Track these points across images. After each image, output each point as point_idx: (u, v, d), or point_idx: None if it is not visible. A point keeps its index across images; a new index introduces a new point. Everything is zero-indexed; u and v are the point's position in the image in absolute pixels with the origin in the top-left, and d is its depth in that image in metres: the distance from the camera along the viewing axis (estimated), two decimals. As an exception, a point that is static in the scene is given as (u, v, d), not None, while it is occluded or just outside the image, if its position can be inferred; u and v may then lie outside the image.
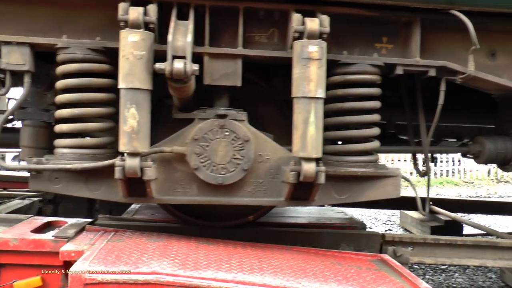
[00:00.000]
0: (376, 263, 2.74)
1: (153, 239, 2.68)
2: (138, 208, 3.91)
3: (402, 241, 3.47)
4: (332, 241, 3.23)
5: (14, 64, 2.51)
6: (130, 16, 2.29)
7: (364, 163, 2.71)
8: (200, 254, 2.48)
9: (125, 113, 2.29)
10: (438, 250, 3.54)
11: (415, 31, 2.70)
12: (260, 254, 2.62)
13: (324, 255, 2.80)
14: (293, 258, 2.61)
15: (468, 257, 3.55)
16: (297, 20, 2.44)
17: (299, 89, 2.41)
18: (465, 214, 7.15)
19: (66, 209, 4.74)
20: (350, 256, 2.85)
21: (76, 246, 2.47)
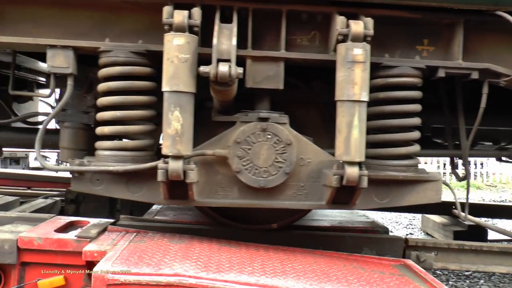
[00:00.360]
0: (400, 268, 2.70)
1: (175, 241, 2.69)
2: (160, 209, 3.93)
3: (426, 246, 3.41)
4: (354, 245, 3.21)
5: (58, 67, 2.54)
6: (175, 20, 2.29)
7: (405, 167, 2.67)
8: (222, 256, 2.48)
9: (169, 116, 2.29)
10: (462, 256, 3.47)
11: (458, 33, 2.66)
12: (282, 257, 2.61)
13: (346, 259, 2.78)
14: (316, 262, 2.60)
15: (494, 264, 3.48)
16: (342, 23, 2.42)
17: (344, 92, 2.39)
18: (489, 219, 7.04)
19: (87, 208, 4.80)
20: (372, 260, 2.82)
21: (98, 247, 2.49)
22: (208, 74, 2.30)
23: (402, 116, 2.66)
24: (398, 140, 2.68)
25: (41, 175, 6.14)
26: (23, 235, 2.53)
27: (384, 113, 2.65)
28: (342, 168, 2.45)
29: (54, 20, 2.63)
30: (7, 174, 6.17)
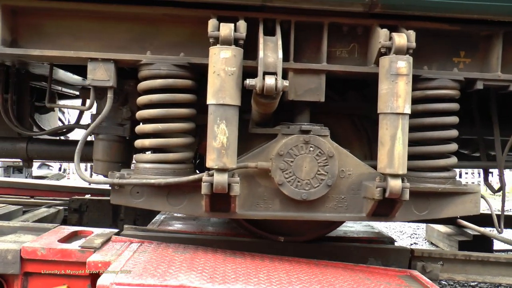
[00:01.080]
0: (406, 279, 2.69)
1: (179, 251, 2.69)
2: (163, 219, 3.91)
3: (432, 257, 3.39)
4: (360, 255, 3.19)
5: (99, 80, 2.53)
6: (221, 33, 2.29)
7: (444, 179, 2.68)
8: (227, 267, 2.48)
9: (215, 129, 2.29)
10: (469, 266, 3.44)
11: (496, 44, 2.68)
12: (288, 267, 2.60)
13: (352, 269, 2.77)
14: (322, 273, 2.59)
15: (501, 275, 3.45)
16: (385, 36, 2.43)
17: (387, 104, 2.39)
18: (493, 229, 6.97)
19: (91, 218, 4.79)
20: (378, 271, 2.81)
21: (103, 257, 2.47)
22: (254, 87, 2.31)
23: (441, 128, 2.67)
24: (437, 152, 2.68)
25: (44, 184, 6.10)
26: (27, 245, 2.51)
27: (424, 125, 2.65)
28: (384, 181, 2.45)
29: (93, 33, 2.63)
30: (10, 183, 6.11)
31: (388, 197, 2.45)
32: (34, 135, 3.34)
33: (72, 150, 3.46)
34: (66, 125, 3.57)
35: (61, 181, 8.24)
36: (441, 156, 2.72)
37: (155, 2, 2.54)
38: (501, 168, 3.02)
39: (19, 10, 2.59)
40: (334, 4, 2.45)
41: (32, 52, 2.53)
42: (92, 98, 2.60)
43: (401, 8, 2.47)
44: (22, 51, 2.54)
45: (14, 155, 3.40)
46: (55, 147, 3.42)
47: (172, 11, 2.57)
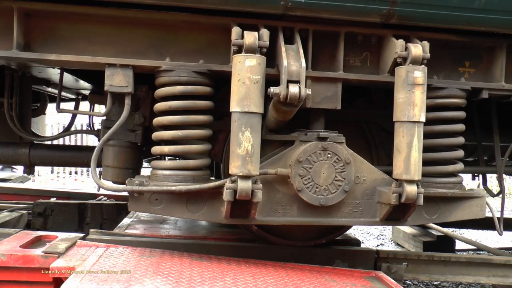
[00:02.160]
0: (371, 280, 2.74)
1: (146, 255, 2.68)
2: (130, 222, 3.86)
3: (397, 258, 3.46)
4: (326, 257, 3.20)
5: (117, 86, 2.50)
6: (246, 41, 2.31)
7: (452, 184, 2.79)
8: (194, 271, 2.48)
9: (240, 137, 2.31)
10: (432, 266, 3.55)
11: (500, 55, 2.82)
12: (254, 271, 2.62)
13: (318, 271, 2.79)
14: (288, 275, 2.62)
15: (462, 274, 3.57)
16: (401, 46, 2.51)
17: (404, 113, 2.48)
18: (456, 229, 7.18)
19: (56, 222, 4.67)
20: (344, 272, 2.85)
21: (67, 262, 2.44)
22: (278, 95, 2.34)
23: (450, 135, 2.78)
24: (446, 158, 2.79)
25: (7, 187, 5.86)
26: None
27: (434, 132, 2.75)
28: (400, 186, 2.53)
29: (109, 38, 2.60)
30: (-29, 187, 5.86)
31: (403, 202, 2.54)
32: (42, 140, 3.25)
33: (75, 155, 3.43)
34: (74, 131, 3.49)
35: (26, 183, 7.94)
36: (449, 162, 2.82)
37: (173, 8, 2.53)
38: (501, 173, 3.16)
39: (33, 13, 2.53)
40: (353, 14, 2.51)
41: (48, 56, 2.48)
42: (109, 104, 2.57)
43: (415, 19, 2.56)
44: (37, 55, 2.48)
45: (16, 161, 3.30)
46: (58, 152, 3.34)
47: (192, 18, 2.57)
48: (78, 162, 3.39)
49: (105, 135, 2.54)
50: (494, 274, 3.56)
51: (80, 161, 3.36)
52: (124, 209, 4.75)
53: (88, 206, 4.69)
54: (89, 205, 4.70)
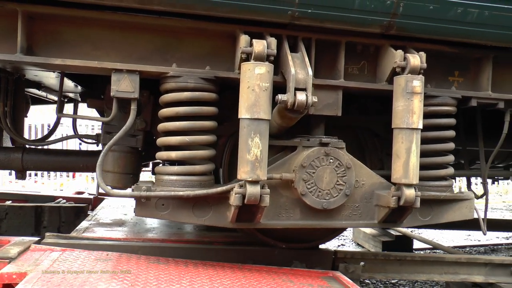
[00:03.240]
0: (328, 280, 2.77)
1: (102, 259, 2.65)
2: (89, 225, 3.80)
3: (354, 258, 3.54)
4: (285, 258, 3.22)
5: (123, 91, 2.50)
6: (255, 49, 2.37)
7: (445, 187, 2.94)
8: (150, 274, 2.47)
9: (249, 143, 2.36)
10: (388, 265, 3.64)
11: (487, 66, 2.98)
12: (211, 273, 2.62)
13: (276, 272, 2.81)
14: (245, 277, 2.63)
15: (416, 272, 3.67)
16: (400, 56, 2.63)
17: (403, 120, 2.60)
18: (414, 229, 7.42)
19: (11, 226, 4.53)
20: (302, 273, 2.86)
21: (18, 268, 2.35)
22: (286, 102, 2.41)
23: (442, 141, 2.92)
24: (439, 163, 2.93)
25: None
26: None
27: (428, 138, 2.88)
28: (399, 190, 2.65)
29: (114, 43, 2.60)
30: None
31: (401, 205, 2.65)
32: (41, 144, 3.18)
33: (71, 160, 3.38)
34: (72, 135, 3.42)
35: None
36: (442, 167, 2.97)
37: (179, 15, 2.55)
38: (485, 177, 3.35)
39: (36, 16, 2.49)
40: (355, 25, 2.61)
41: (53, 61, 2.45)
42: (114, 109, 2.56)
43: (413, 31, 2.69)
44: (42, 59, 2.45)
45: (8, 166, 3.21)
46: (52, 157, 3.27)
47: (198, 25, 2.60)
48: (74, 166, 3.34)
49: (111, 140, 2.53)
50: (446, 271, 3.70)
51: (76, 166, 3.31)
52: (83, 212, 4.72)
53: (45, 209, 4.56)
54: (47, 208, 4.57)
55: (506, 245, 6.52)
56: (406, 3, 2.55)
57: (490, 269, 3.74)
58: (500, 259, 3.87)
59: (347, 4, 2.50)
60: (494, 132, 3.45)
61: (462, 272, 3.71)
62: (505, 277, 3.72)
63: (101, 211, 4.60)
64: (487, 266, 3.74)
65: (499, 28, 2.74)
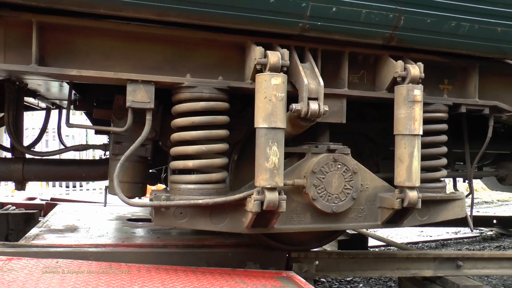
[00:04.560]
0: (281, 280, 2.79)
1: (51, 267, 2.59)
2: (39, 232, 3.67)
3: (308, 257, 3.54)
4: (239, 260, 3.23)
5: (139, 102, 2.52)
6: (271, 60, 2.46)
7: (440, 188, 3.13)
8: (101, 280, 2.43)
9: (267, 151, 2.44)
10: (342, 264, 3.68)
11: (473, 75, 3.21)
12: (164, 277, 2.61)
13: (229, 274, 2.81)
14: (198, 280, 2.62)
15: (369, 269, 3.75)
16: (401, 66, 2.79)
17: (406, 127, 2.76)
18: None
19: None
20: (255, 274, 2.88)
21: None
22: (300, 111, 2.51)
23: (436, 145, 3.11)
24: (435, 166, 3.12)
25: None
26: None
27: (424, 143, 3.06)
28: (402, 192, 2.81)
29: (125, 53, 2.61)
30: None
31: (405, 207, 2.81)
32: (46, 155, 3.11)
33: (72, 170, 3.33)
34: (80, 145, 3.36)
35: None
36: (437, 169, 3.16)
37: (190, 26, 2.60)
38: (471, 178, 3.58)
39: (48, 26, 2.47)
40: (360, 36, 2.75)
41: (69, 72, 2.44)
42: (130, 119, 2.57)
43: (411, 42, 2.86)
44: (58, 70, 2.43)
45: (7, 177, 3.12)
46: (53, 167, 3.21)
47: (210, 36, 2.66)
48: (76, 176, 3.29)
49: (128, 151, 2.54)
50: (398, 267, 3.81)
51: (78, 175, 3.26)
52: (33, 218, 4.55)
53: None
54: None
55: (455, 240, 6.84)
56: (406, 16, 2.72)
57: (438, 263, 3.87)
58: (447, 253, 4.03)
59: (354, 17, 2.63)
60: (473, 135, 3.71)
61: (413, 268, 3.84)
62: (452, 270, 3.89)
63: (53, 217, 4.45)
64: (436, 261, 3.88)
65: (485, 41, 2.95)
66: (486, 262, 4.03)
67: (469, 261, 3.96)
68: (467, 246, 6.45)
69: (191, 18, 2.47)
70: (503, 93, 3.34)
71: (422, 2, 2.69)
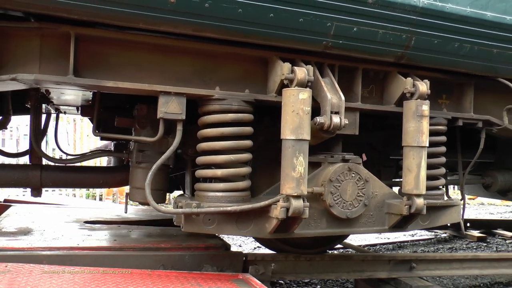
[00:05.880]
0: (237, 282, 2.81)
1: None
2: None
3: (264, 260, 3.57)
4: (196, 263, 3.23)
5: (171, 113, 2.62)
6: (298, 76, 2.62)
7: (439, 195, 3.39)
8: (53, 284, 2.39)
9: (294, 161, 2.60)
10: (298, 266, 3.69)
11: (469, 91, 3.49)
12: (119, 280, 2.60)
13: (185, 277, 2.80)
14: (153, 283, 2.61)
15: (326, 272, 3.75)
16: (410, 83, 3.02)
17: (414, 139, 2.99)
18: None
19: None
20: (211, 277, 2.89)
21: None
22: (324, 124, 2.69)
23: (438, 156, 3.37)
24: (436, 174, 3.37)
25: None
26: None
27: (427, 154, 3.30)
28: (410, 199, 3.04)
29: (156, 65, 2.71)
30: None
31: (412, 213, 3.04)
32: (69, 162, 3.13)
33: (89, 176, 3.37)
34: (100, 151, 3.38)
35: None
36: (437, 178, 3.41)
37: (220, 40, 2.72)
38: (462, 185, 3.87)
39: (82, 38, 2.54)
40: (374, 55, 2.95)
41: (106, 83, 2.52)
42: (161, 130, 2.67)
43: (419, 60, 3.09)
44: (95, 81, 2.50)
45: (25, 184, 3.12)
46: (70, 174, 3.23)
47: (237, 50, 2.79)
48: (93, 182, 3.33)
49: (159, 160, 2.64)
50: (354, 269, 3.86)
51: (95, 182, 3.31)
52: None
53: None
54: None
55: (411, 242, 6.96)
56: (417, 37, 2.95)
57: (393, 265, 3.95)
58: (402, 255, 4.15)
59: (372, 37, 2.83)
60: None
61: (368, 269, 3.89)
62: (406, 272, 3.98)
63: (6, 219, 4.22)
64: (390, 263, 3.95)
65: (483, 60, 3.23)
66: (437, 263, 4.18)
67: (422, 263, 4.08)
68: (423, 248, 6.60)
69: (224, 34, 2.60)
70: (494, 108, 3.63)
71: (432, 24, 2.92)
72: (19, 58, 2.52)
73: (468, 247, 6.47)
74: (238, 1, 2.46)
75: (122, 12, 2.34)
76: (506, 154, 4.35)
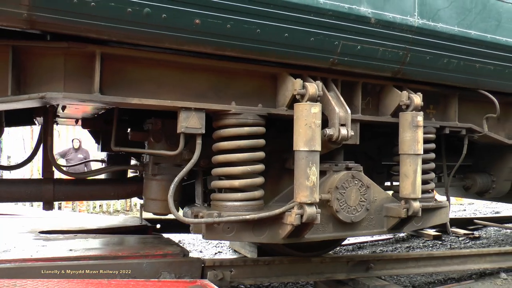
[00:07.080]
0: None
1: None
2: None
3: (223, 265, 3.60)
4: (154, 270, 3.21)
5: (192, 128, 2.75)
6: (310, 91, 2.82)
7: (430, 198, 3.67)
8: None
9: (307, 171, 2.79)
10: (257, 270, 3.73)
11: (453, 101, 3.80)
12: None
13: (144, 285, 2.77)
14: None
15: (284, 275, 3.81)
16: (406, 96, 3.28)
17: (411, 148, 3.25)
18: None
19: None
20: (170, 284, 2.87)
21: None
22: (332, 136, 2.90)
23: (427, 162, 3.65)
24: (427, 179, 3.64)
25: None
26: None
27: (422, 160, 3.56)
28: (407, 203, 3.29)
29: (175, 81, 2.83)
30: None
31: (409, 215, 3.29)
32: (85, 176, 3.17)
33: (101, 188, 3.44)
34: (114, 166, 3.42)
35: None
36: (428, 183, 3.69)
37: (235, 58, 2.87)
38: (447, 187, 4.18)
39: (106, 56, 2.62)
40: (374, 70, 3.19)
41: (131, 100, 2.62)
42: (181, 144, 2.78)
43: (413, 75, 3.36)
44: (120, 99, 2.60)
45: (38, 198, 3.14)
46: (83, 187, 3.28)
47: (250, 67, 2.96)
48: (105, 195, 3.39)
49: (180, 173, 2.76)
50: (313, 271, 3.90)
51: (107, 194, 3.37)
52: None
53: None
54: None
55: (371, 242, 7.01)
56: (412, 54, 3.21)
57: (351, 266, 4.02)
58: (360, 256, 4.24)
59: (373, 54, 3.07)
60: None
61: (327, 271, 3.94)
62: (364, 272, 4.06)
63: None
64: (349, 264, 4.01)
65: (467, 74, 3.54)
66: (394, 263, 4.27)
67: (379, 263, 4.17)
68: (381, 248, 6.60)
69: (242, 53, 2.76)
70: (475, 117, 3.96)
71: (425, 42, 3.19)
72: (43, 77, 2.58)
73: (425, 245, 6.63)
74: (257, 22, 2.63)
75: (150, 33, 2.46)
76: (482, 157, 4.71)
